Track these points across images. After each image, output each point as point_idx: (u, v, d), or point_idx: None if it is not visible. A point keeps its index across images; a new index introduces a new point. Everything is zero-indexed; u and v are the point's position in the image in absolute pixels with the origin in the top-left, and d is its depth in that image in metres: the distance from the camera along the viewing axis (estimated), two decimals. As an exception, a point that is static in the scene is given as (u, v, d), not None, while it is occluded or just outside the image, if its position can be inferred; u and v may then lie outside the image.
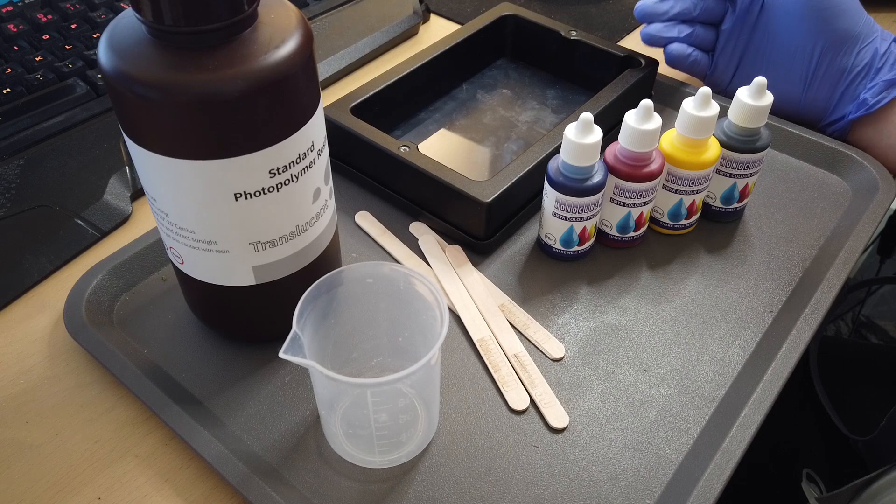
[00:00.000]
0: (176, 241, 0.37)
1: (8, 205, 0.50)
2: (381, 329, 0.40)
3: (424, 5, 0.71)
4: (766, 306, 0.46)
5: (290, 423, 0.39)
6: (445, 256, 0.48)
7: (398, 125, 0.58)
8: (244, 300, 0.39)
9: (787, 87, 0.56)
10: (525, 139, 0.57)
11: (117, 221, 0.51)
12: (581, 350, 0.43)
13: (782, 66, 0.56)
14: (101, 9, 0.65)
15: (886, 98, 0.52)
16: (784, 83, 0.56)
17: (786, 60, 0.56)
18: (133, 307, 0.45)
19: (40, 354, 0.43)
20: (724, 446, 0.37)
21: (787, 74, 0.56)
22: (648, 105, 0.43)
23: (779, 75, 0.56)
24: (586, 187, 0.44)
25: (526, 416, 0.40)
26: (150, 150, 0.32)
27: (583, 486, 0.37)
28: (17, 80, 0.57)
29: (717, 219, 0.51)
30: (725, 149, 0.47)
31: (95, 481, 0.37)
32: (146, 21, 0.30)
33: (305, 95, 0.34)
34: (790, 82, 0.56)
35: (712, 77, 0.60)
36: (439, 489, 0.37)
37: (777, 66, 0.56)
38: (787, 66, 0.56)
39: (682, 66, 0.59)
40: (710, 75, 0.60)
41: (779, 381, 0.40)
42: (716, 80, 0.60)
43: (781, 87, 0.56)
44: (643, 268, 0.48)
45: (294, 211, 0.36)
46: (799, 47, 0.54)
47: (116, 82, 0.31)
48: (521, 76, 0.63)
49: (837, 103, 0.55)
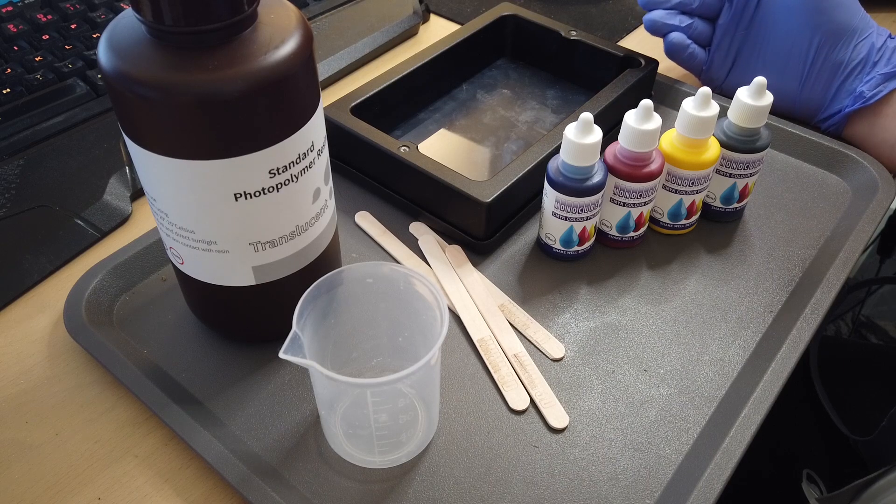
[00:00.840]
0: (176, 242, 0.37)
1: (8, 205, 0.50)
2: (381, 329, 0.40)
3: (424, 5, 0.71)
4: (766, 306, 0.46)
5: (290, 423, 0.39)
6: (445, 256, 0.48)
7: (398, 125, 0.58)
8: (244, 300, 0.39)
9: (783, 82, 0.56)
10: (525, 139, 0.57)
11: (117, 221, 0.51)
12: (581, 350, 0.43)
13: (779, 62, 0.56)
14: (101, 9, 0.65)
15: (884, 91, 0.52)
16: (780, 79, 0.56)
17: (782, 55, 0.56)
18: (133, 307, 0.45)
19: (40, 354, 0.43)
20: (724, 446, 0.37)
21: (783, 70, 0.56)
22: (648, 105, 0.43)
23: (775, 71, 0.56)
24: (586, 187, 0.44)
25: (526, 416, 0.40)
26: (150, 150, 0.32)
27: (583, 486, 0.37)
28: (17, 80, 0.57)
29: (717, 219, 0.51)
30: (725, 149, 0.47)
31: (95, 481, 0.37)
32: (146, 21, 0.30)
33: (305, 95, 0.34)
34: (787, 78, 0.56)
35: (708, 73, 0.60)
36: (439, 489, 0.37)
37: (773, 62, 0.56)
38: (783, 61, 0.56)
39: (681, 58, 0.59)
40: (707, 71, 0.60)
41: (779, 381, 0.40)
42: (712, 75, 0.60)
43: (777, 83, 0.56)
44: (643, 268, 0.48)
45: (294, 211, 0.36)
46: (797, 41, 0.54)
47: (116, 82, 0.31)
48: (521, 76, 0.63)
49: (833, 98, 0.55)
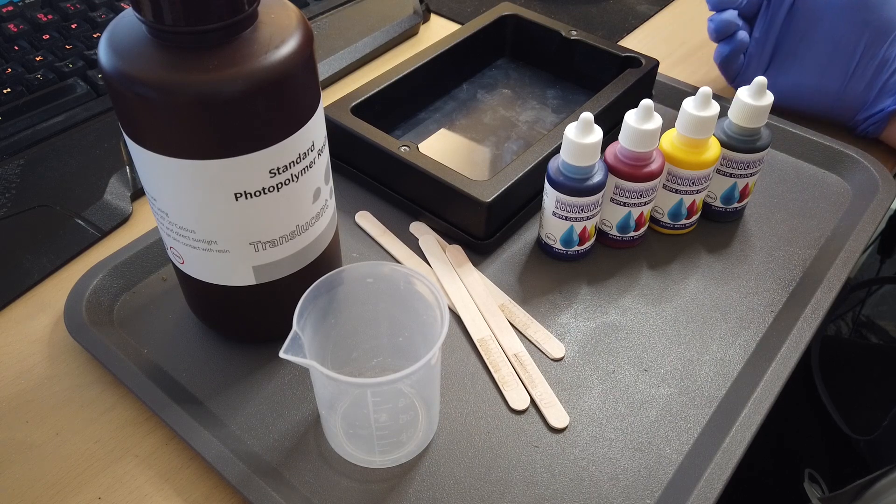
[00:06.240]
0: (176, 241, 0.37)
1: (8, 205, 0.50)
2: (381, 329, 0.40)
3: (424, 5, 0.71)
4: (767, 306, 0.46)
5: (290, 423, 0.39)
6: (445, 256, 0.48)
7: (398, 125, 0.58)
8: (244, 300, 0.39)
9: (823, 83, 0.55)
10: (525, 139, 0.57)
11: (117, 221, 0.51)
12: (581, 350, 0.43)
13: (820, 62, 0.55)
14: (101, 9, 0.65)
15: None
16: (821, 79, 0.55)
17: (825, 55, 0.54)
18: (133, 307, 0.45)
19: (40, 354, 0.43)
20: (724, 446, 0.37)
21: (824, 70, 0.55)
22: (648, 105, 0.43)
23: (815, 72, 0.55)
24: (586, 187, 0.44)
25: (526, 415, 0.40)
26: (150, 149, 0.32)
27: (583, 486, 0.37)
28: (17, 80, 0.57)
29: (717, 219, 0.51)
30: (726, 148, 0.47)
31: (95, 481, 0.37)
32: (146, 21, 0.30)
33: (306, 95, 0.34)
34: (828, 78, 0.55)
35: (745, 75, 0.58)
36: (439, 489, 0.37)
37: (814, 63, 0.55)
38: (826, 61, 0.54)
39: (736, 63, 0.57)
40: (743, 74, 0.58)
41: (779, 381, 0.40)
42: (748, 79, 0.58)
43: (817, 84, 0.55)
44: (643, 268, 0.48)
45: (294, 211, 0.36)
46: (843, 40, 0.53)
47: (117, 82, 0.31)
48: (522, 76, 0.63)
49: (875, 97, 0.54)
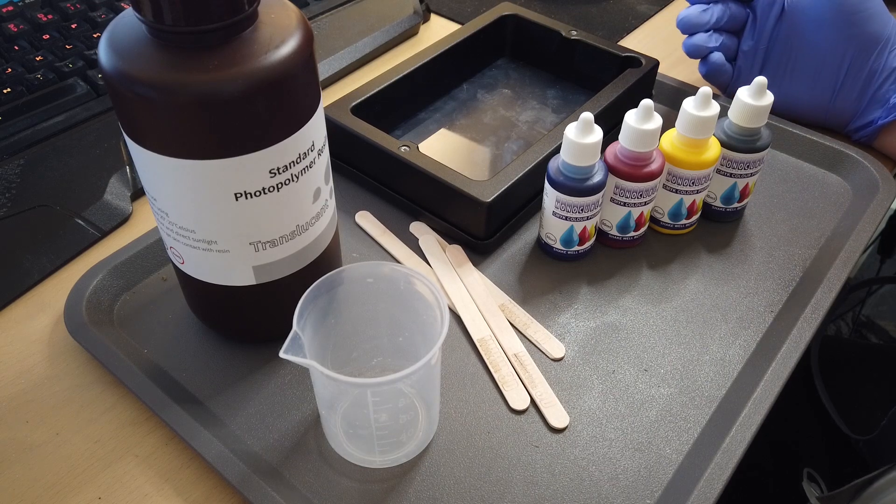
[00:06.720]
0: (176, 241, 0.37)
1: (8, 205, 0.50)
2: (381, 329, 0.40)
3: (425, 5, 0.71)
4: (767, 306, 0.46)
5: (290, 423, 0.39)
6: (446, 256, 0.48)
7: (398, 125, 0.58)
8: (244, 300, 0.39)
9: (814, 94, 0.56)
10: (525, 139, 0.57)
11: (117, 221, 0.51)
12: (581, 350, 0.43)
13: (809, 74, 0.55)
14: (101, 9, 0.65)
15: None
16: (811, 90, 0.56)
17: (813, 68, 0.55)
18: (133, 307, 0.45)
19: (40, 354, 0.43)
20: (724, 446, 0.37)
21: (814, 82, 0.55)
22: (648, 105, 0.43)
23: (805, 83, 0.56)
24: (586, 187, 0.44)
25: (526, 415, 0.40)
26: (150, 149, 0.32)
27: (583, 486, 0.37)
28: (17, 80, 0.57)
29: (717, 219, 0.51)
30: (726, 149, 0.47)
31: (95, 481, 0.37)
32: (146, 21, 0.30)
33: (306, 95, 0.34)
34: (818, 89, 0.55)
35: (736, 86, 0.58)
36: (439, 489, 0.37)
37: (803, 75, 0.55)
38: (814, 73, 0.55)
39: (720, 79, 0.58)
40: (733, 84, 0.59)
41: (779, 380, 0.40)
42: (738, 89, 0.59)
43: (809, 95, 0.56)
44: (643, 268, 0.48)
45: (294, 211, 0.36)
46: (829, 53, 0.54)
47: (117, 82, 0.31)
48: (522, 76, 0.63)
49: (865, 108, 0.55)
